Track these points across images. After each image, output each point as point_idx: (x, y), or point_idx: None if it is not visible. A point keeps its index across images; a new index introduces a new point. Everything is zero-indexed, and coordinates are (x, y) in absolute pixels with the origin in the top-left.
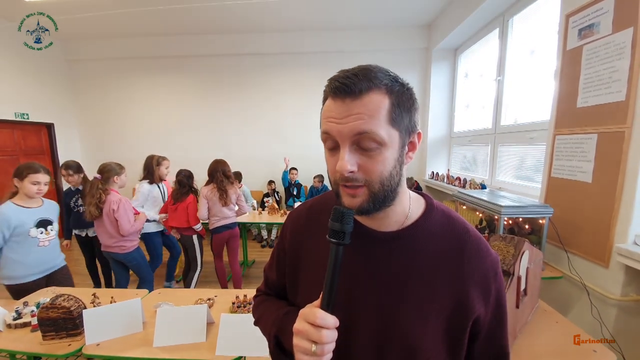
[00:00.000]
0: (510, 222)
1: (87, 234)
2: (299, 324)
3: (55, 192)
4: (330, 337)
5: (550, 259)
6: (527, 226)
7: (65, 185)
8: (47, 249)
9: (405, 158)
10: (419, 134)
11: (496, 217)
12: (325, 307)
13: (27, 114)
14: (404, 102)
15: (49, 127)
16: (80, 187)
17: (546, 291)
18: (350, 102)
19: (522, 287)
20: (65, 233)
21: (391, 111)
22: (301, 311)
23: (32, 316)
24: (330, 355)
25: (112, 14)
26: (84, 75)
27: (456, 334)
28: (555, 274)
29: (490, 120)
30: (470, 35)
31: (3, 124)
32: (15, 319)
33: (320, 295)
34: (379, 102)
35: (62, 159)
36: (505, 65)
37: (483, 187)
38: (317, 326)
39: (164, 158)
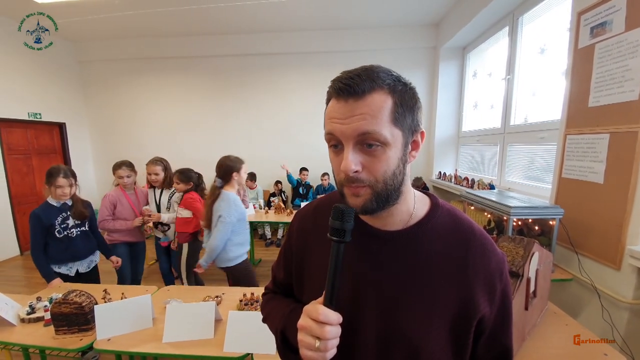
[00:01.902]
0: (520, 223)
1: (77, 270)
2: (302, 320)
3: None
4: (333, 333)
5: (560, 260)
6: (536, 227)
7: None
8: None
9: (408, 157)
10: (422, 133)
11: (505, 217)
12: (328, 303)
13: (39, 114)
14: (406, 101)
15: (61, 127)
16: (70, 202)
17: (556, 294)
18: (353, 102)
19: (532, 289)
20: (44, 272)
21: (394, 111)
22: (305, 308)
23: (45, 311)
24: (334, 351)
25: (122, 16)
26: (95, 76)
27: (461, 333)
28: (565, 276)
29: (499, 119)
30: (479, 33)
31: (17, 123)
32: (28, 314)
33: (323, 293)
34: (382, 102)
35: (73, 158)
36: (515, 64)
37: (492, 187)
38: (320, 322)
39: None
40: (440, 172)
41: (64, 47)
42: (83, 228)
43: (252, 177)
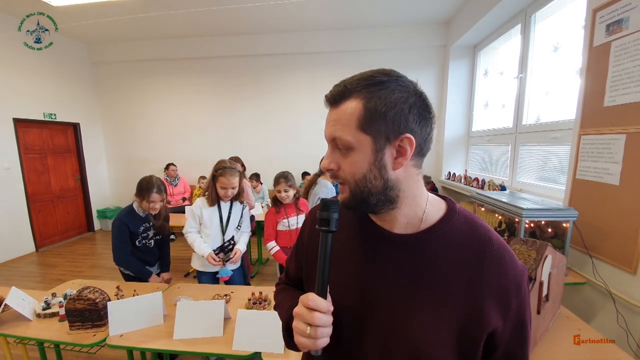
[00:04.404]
0: (532, 225)
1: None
2: (297, 308)
3: (84, 210)
4: (322, 320)
5: (574, 264)
6: (549, 230)
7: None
8: None
9: (393, 163)
10: (408, 139)
11: (517, 219)
12: (320, 292)
13: (54, 114)
14: (378, 107)
15: (75, 127)
16: (154, 212)
17: (569, 297)
18: (332, 110)
19: (544, 292)
20: (141, 272)
21: (362, 118)
22: (300, 297)
23: (60, 307)
24: (326, 340)
25: (134, 18)
26: (108, 77)
27: (469, 345)
28: (578, 280)
29: (511, 119)
30: (490, 31)
31: (33, 123)
32: (44, 309)
33: (316, 282)
34: (352, 110)
35: (87, 157)
36: (528, 63)
37: (503, 188)
38: (310, 309)
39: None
40: (449, 173)
41: (78, 49)
42: (157, 237)
43: (256, 177)
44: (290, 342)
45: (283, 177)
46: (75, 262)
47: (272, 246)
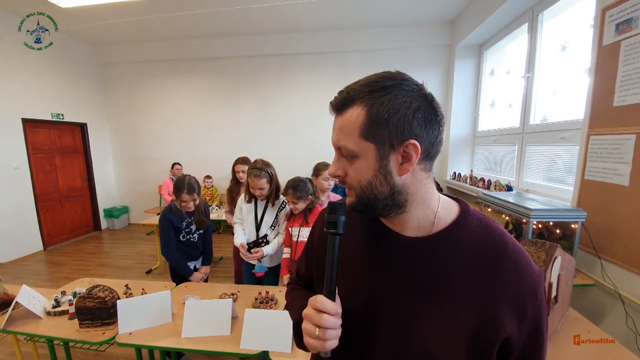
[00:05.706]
0: (540, 226)
1: (195, 266)
2: (306, 309)
3: (91, 210)
4: (330, 322)
5: (582, 265)
6: (557, 231)
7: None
8: None
9: (399, 169)
10: (413, 144)
11: (524, 220)
12: (328, 294)
13: (62, 115)
14: (381, 114)
15: (82, 127)
16: (188, 210)
17: (576, 299)
18: (336, 117)
19: (553, 294)
20: (184, 269)
21: (364, 125)
22: (309, 299)
23: (70, 305)
24: (335, 342)
25: (141, 19)
26: (114, 78)
27: (482, 351)
28: (587, 282)
29: (517, 119)
30: (496, 30)
31: (41, 124)
32: (54, 307)
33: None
34: (354, 118)
35: (94, 157)
36: (535, 62)
37: (509, 188)
38: (319, 311)
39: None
40: (454, 173)
41: (85, 50)
42: (200, 232)
43: None
44: (300, 342)
45: (291, 188)
46: (83, 261)
47: (283, 252)
